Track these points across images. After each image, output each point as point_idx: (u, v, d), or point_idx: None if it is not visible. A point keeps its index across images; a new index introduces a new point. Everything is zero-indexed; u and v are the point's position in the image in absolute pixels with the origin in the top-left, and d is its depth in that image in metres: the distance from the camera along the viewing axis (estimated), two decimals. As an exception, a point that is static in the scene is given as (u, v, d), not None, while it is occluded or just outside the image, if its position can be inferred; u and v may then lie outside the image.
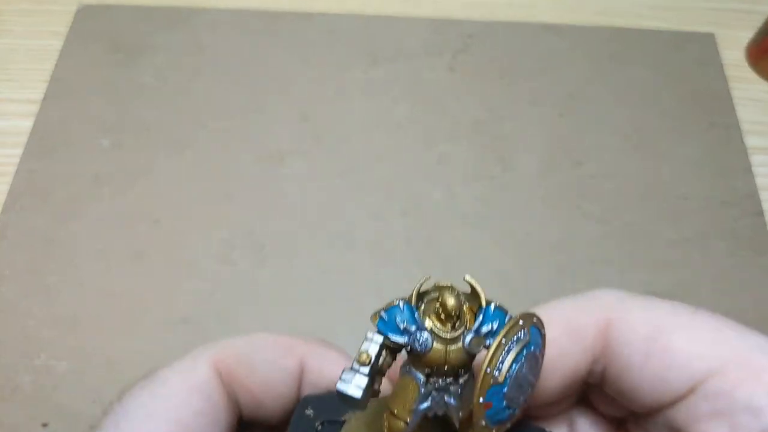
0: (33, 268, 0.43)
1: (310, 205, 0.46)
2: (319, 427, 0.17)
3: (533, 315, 0.17)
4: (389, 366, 0.16)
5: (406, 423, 0.16)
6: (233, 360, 0.18)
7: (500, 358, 0.15)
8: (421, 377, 0.16)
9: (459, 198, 0.47)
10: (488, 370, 0.15)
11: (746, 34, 0.56)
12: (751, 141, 0.51)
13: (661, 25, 0.58)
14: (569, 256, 0.45)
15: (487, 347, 0.15)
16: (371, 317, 0.16)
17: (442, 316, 0.16)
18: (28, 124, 0.49)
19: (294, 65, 0.53)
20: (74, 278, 0.42)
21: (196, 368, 0.17)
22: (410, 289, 0.16)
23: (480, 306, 0.16)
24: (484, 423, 0.16)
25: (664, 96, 0.53)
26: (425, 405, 0.16)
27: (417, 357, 0.16)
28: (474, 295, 0.17)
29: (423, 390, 0.16)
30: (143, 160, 0.48)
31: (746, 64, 0.55)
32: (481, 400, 0.15)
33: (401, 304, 0.16)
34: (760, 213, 0.47)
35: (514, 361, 0.16)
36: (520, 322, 0.16)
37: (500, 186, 0.48)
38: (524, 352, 0.16)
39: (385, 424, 0.17)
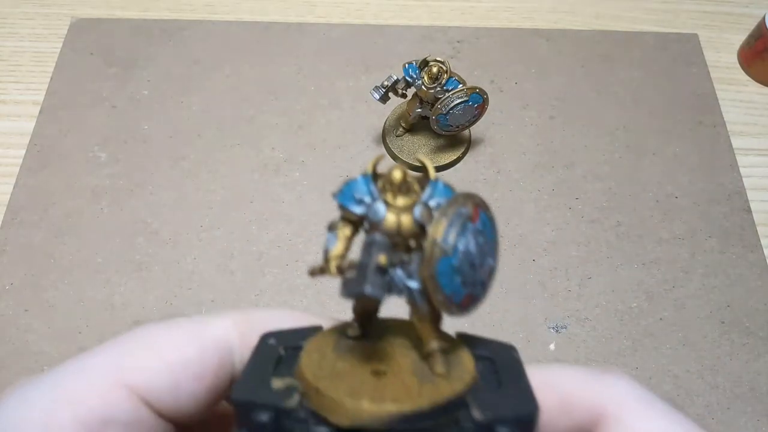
0: (33, 282, 0.43)
1: (306, 213, 0.47)
2: (282, 352, 0.18)
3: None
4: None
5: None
6: (253, 324, 0.19)
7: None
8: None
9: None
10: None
11: (734, 36, 0.57)
12: (737, 142, 0.52)
13: (653, 29, 0.58)
14: (562, 256, 0.46)
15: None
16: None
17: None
18: (33, 126, 0.50)
19: (287, 75, 0.54)
20: (74, 292, 0.43)
21: (215, 325, 0.19)
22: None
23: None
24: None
25: (651, 96, 0.54)
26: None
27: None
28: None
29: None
30: (140, 172, 0.48)
31: (729, 66, 0.56)
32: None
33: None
34: (749, 210, 0.48)
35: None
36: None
37: (493, 188, 0.49)
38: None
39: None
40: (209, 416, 0.20)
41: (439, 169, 0.49)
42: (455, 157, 0.49)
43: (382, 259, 0.16)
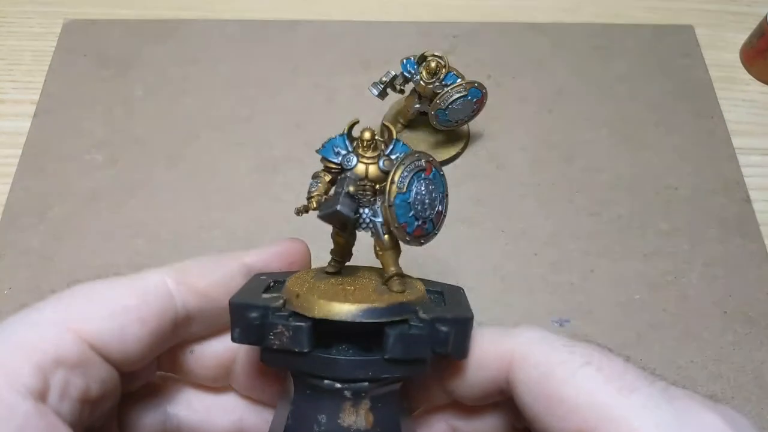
0: (33, 287, 0.43)
1: (306, 211, 0.47)
2: (272, 284, 0.22)
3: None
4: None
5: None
6: (185, 271, 0.22)
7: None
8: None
9: (453, 197, 0.48)
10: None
11: (736, 35, 0.57)
12: (740, 141, 0.51)
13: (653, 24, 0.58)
14: (563, 250, 0.46)
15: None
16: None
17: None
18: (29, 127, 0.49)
19: (284, 73, 0.53)
20: (75, 295, 0.42)
21: (152, 276, 0.21)
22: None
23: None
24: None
25: (649, 88, 0.54)
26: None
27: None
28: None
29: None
30: (138, 173, 0.48)
31: (731, 65, 0.56)
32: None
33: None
34: (748, 200, 0.48)
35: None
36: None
37: (493, 184, 0.49)
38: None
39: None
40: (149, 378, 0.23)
41: (438, 164, 0.49)
42: (454, 153, 0.49)
43: (352, 187, 0.21)
